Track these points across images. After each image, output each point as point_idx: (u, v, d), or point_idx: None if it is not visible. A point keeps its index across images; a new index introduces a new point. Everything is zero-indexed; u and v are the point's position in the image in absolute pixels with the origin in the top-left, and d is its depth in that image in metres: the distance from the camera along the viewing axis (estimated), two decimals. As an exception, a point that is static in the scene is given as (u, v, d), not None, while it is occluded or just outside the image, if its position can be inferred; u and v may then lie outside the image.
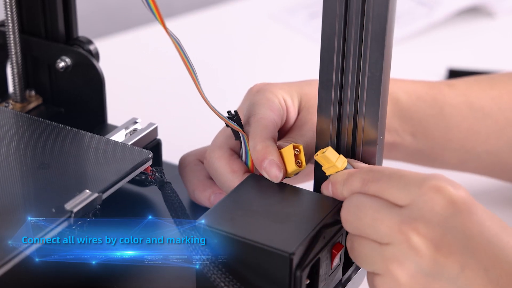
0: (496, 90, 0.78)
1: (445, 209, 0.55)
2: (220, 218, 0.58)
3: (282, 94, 0.68)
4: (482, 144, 0.77)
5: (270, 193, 0.61)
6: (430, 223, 0.55)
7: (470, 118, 0.77)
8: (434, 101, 0.76)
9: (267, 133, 0.64)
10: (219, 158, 0.66)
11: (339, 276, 0.62)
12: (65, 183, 0.61)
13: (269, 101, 0.67)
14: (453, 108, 0.76)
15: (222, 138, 0.67)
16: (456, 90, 0.77)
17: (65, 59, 0.73)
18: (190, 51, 1.07)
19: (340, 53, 0.59)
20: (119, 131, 0.70)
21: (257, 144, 0.63)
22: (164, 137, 0.73)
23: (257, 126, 0.64)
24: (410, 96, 0.75)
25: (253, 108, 0.66)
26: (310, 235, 0.57)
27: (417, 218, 0.55)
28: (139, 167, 0.63)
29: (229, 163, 0.65)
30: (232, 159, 0.66)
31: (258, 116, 0.65)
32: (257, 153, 0.63)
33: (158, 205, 0.74)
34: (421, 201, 0.56)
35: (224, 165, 0.65)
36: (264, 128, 0.64)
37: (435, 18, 1.18)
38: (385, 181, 0.57)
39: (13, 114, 0.70)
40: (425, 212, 0.55)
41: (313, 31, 1.15)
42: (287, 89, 0.69)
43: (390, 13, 0.56)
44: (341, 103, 0.61)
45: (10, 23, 0.72)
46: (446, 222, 0.55)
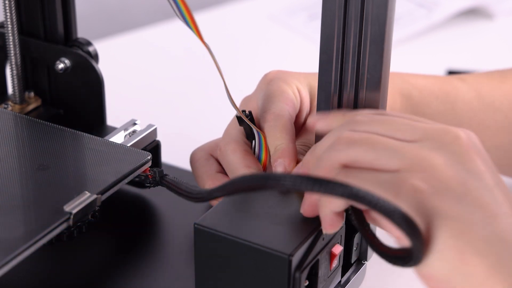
0: (507, 84, 0.78)
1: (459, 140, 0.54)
2: (219, 219, 0.58)
3: (296, 84, 0.68)
4: (492, 139, 0.77)
5: (269, 194, 0.61)
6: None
7: (481, 113, 0.77)
8: (446, 97, 0.76)
9: (286, 131, 0.64)
10: (234, 151, 0.66)
11: (338, 277, 0.62)
12: (64, 185, 0.61)
13: (283, 93, 0.66)
14: (464, 104, 0.76)
15: (237, 131, 0.67)
16: (467, 85, 0.77)
17: (64, 60, 0.73)
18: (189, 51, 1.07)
19: (339, 55, 0.59)
20: (118, 133, 0.70)
21: (278, 144, 0.63)
22: (163, 139, 0.73)
23: (274, 125, 0.64)
24: (422, 91, 0.75)
25: (268, 101, 0.66)
26: (309, 236, 0.57)
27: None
28: (138, 168, 0.63)
29: (244, 157, 0.65)
30: (247, 154, 0.66)
31: (274, 111, 0.65)
32: (276, 152, 0.63)
33: (158, 207, 0.74)
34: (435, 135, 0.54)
35: (238, 159, 0.65)
36: (281, 126, 0.64)
37: (434, 20, 1.18)
38: (385, 124, 0.55)
39: (12, 115, 0.70)
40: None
41: (313, 32, 1.15)
42: (302, 79, 0.69)
43: (389, 15, 0.56)
44: (340, 105, 0.61)
45: (9, 25, 0.72)
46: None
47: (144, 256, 0.68)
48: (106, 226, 0.71)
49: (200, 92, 1.02)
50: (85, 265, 0.67)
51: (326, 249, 0.58)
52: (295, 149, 0.63)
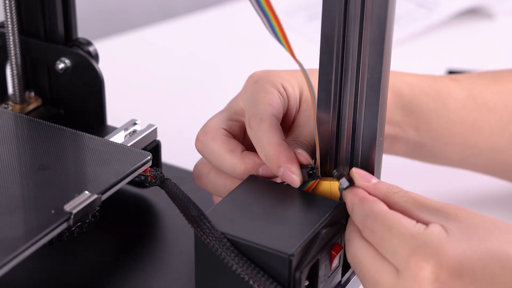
0: (501, 86, 0.77)
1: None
2: (219, 219, 0.58)
3: (282, 83, 0.67)
4: (486, 140, 0.76)
5: (269, 194, 0.61)
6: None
7: (474, 113, 0.76)
8: (437, 95, 0.75)
9: (273, 135, 0.62)
10: (213, 138, 0.65)
11: (338, 277, 0.62)
12: (65, 185, 0.61)
13: (267, 94, 0.65)
14: (457, 103, 0.76)
15: (215, 121, 0.66)
16: (460, 85, 0.76)
17: (65, 60, 0.73)
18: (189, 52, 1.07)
19: (339, 55, 0.59)
20: (119, 133, 0.70)
21: (268, 152, 0.62)
22: (164, 139, 0.73)
23: (260, 131, 0.63)
24: (413, 89, 0.74)
25: (252, 105, 0.65)
26: (309, 236, 0.57)
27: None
28: (139, 168, 0.63)
29: (224, 142, 0.64)
30: (228, 138, 0.65)
31: (259, 117, 0.64)
32: (270, 161, 0.62)
33: (158, 207, 0.74)
34: (407, 275, 0.55)
35: (219, 145, 0.64)
36: (268, 131, 0.63)
37: (434, 20, 1.18)
38: (380, 234, 0.57)
39: (12, 115, 0.70)
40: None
41: (313, 32, 1.15)
42: (287, 77, 0.68)
43: (389, 15, 0.56)
44: (340, 105, 0.61)
45: (10, 24, 0.72)
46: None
47: (144, 256, 0.68)
48: (107, 226, 0.71)
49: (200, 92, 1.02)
50: (86, 265, 0.67)
51: (326, 249, 0.58)
52: (286, 149, 0.62)
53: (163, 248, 0.69)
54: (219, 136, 0.65)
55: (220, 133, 0.65)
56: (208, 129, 0.65)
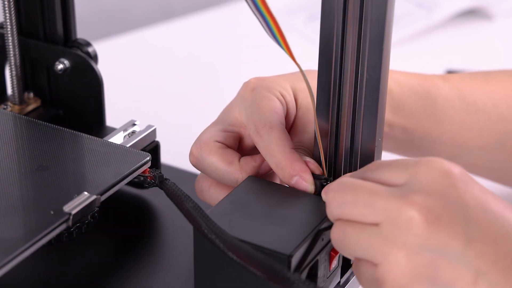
0: (491, 85, 0.77)
1: (444, 180, 0.53)
2: (218, 220, 0.58)
3: (279, 90, 0.66)
4: (474, 139, 0.76)
5: (268, 195, 0.61)
6: (428, 195, 0.53)
7: (463, 112, 0.75)
8: (426, 93, 0.75)
9: (285, 144, 0.62)
10: (209, 153, 0.64)
11: (337, 278, 0.62)
12: (64, 185, 0.61)
13: (270, 102, 0.65)
14: (446, 101, 0.75)
15: (208, 134, 0.65)
16: (450, 84, 0.76)
17: (64, 61, 0.73)
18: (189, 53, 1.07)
19: (338, 56, 0.59)
20: (118, 133, 0.70)
21: (280, 161, 0.62)
22: (163, 139, 0.73)
23: (271, 139, 0.62)
24: (402, 86, 0.74)
25: (257, 113, 0.64)
26: (309, 237, 0.57)
27: (415, 191, 0.53)
28: (138, 169, 0.63)
29: (222, 155, 0.64)
30: (224, 150, 0.64)
31: (268, 125, 0.63)
32: (282, 170, 0.61)
33: (157, 207, 0.74)
34: (419, 173, 0.54)
35: (217, 159, 0.64)
36: (279, 139, 0.62)
37: (433, 20, 1.18)
38: (382, 167, 0.56)
39: (11, 116, 0.70)
40: (423, 185, 0.53)
41: (312, 33, 1.15)
42: (282, 83, 0.67)
43: (388, 16, 0.56)
44: (339, 106, 0.61)
45: (9, 25, 0.72)
46: (445, 193, 0.53)
47: (144, 257, 0.68)
48: (106, 227, 0.71)
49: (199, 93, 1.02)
50: (85, 266, 0.67)
51: (325, 249, 0.58)
52: (297, 157, 0.62)
53: (162, 249, 0.70)
54: (215, 149, 0.64)
55: (216, 146, 0.64)
56: (203, 144, 0.65)
